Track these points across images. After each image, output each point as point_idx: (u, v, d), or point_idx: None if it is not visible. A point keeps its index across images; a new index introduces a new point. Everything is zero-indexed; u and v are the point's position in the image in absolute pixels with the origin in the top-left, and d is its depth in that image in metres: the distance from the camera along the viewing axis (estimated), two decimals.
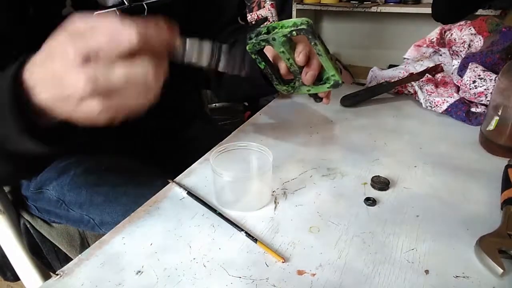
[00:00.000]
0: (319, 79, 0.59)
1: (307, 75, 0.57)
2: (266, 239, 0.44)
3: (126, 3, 0.61)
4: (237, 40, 0.72)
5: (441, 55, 0.92)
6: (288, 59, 0.56)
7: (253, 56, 0.56)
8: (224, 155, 0.52)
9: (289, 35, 0.52)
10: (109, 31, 0.30)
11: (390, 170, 0.57)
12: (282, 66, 0.59)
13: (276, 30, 0.52)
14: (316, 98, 0.65)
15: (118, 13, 0.59)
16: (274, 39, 0.52)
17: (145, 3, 0.63)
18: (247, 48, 0.55)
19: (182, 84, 0.83)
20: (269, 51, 0.59)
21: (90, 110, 0.32)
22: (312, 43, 0.52)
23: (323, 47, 0.53)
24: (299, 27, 0.50)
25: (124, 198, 0.62)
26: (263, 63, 0.58)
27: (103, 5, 0.59)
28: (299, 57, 0.55)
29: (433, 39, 0.93)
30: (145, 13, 0.63)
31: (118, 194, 0.63)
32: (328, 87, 0.58)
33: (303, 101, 0.84)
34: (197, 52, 0.39)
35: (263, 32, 0.53)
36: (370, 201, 0.49)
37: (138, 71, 0.32)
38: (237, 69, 0.43)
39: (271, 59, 0.59)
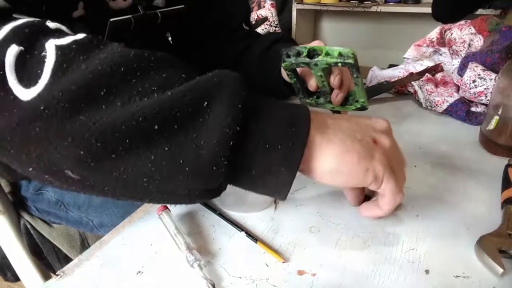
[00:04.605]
0: (345, 99, 0.60)
1: (338, 97, 0.58)
2: (266, 239, 0.44)
3: (140, 11, 0.60)
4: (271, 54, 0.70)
5: (441, 54, 0.92)
6: (323, 81, 0.55)
7: (286, 72, 0.56)
8: None
9: (333, 65, 0.51)
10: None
11: None
12: (312, 84, 0.59)
13: (320, 57, 0.51)
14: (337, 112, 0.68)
15: (133, 20, 0.58)
16: (315, 65, 0.52)
17: (159, 12, 0.63)
18: (283, 65, 0.54)
19: None
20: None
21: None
22: (355, 75, 0.52)
23: (361, 77, 0.53)
24: (346, 61, 0.49)
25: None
26: (294, 79, 0.58)
27: (114, 9, 0.58)
28: (335, 81, 0.55)
29: (433, 38, 0.93)
30: (159, 21, 0.63)
31: None
32: (353, 109, 0.59)
33: None
34: None
35: (303, 54, 0.52)
36: None
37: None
38: None
39: (299, 73, 0.59)
